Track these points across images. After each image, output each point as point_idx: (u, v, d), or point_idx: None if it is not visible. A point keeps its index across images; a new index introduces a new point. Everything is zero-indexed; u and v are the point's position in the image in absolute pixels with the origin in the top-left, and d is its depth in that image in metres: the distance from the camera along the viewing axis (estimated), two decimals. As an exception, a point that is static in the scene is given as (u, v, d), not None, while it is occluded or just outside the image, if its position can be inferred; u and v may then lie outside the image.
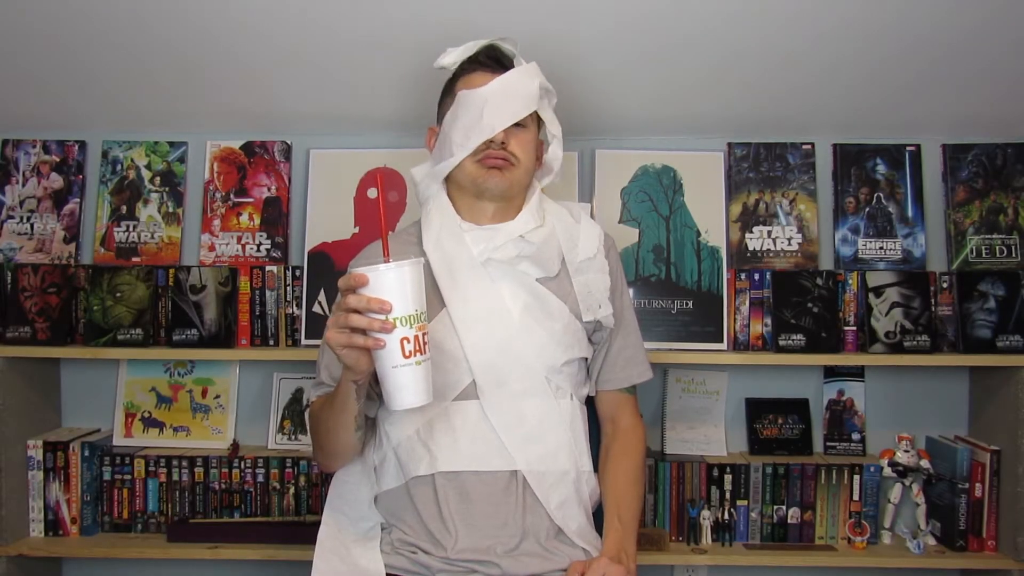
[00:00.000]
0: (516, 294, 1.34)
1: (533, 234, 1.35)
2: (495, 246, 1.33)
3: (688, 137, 2.06)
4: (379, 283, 1.08)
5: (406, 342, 1.08)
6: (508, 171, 1.34)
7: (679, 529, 1.94)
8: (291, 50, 1.82)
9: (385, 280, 1.08)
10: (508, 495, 1.29)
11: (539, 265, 1.35)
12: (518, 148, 1.34)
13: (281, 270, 2.00)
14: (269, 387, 2.07)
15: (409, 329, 1.08)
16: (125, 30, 1.76)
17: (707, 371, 2.04)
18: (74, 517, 1.96)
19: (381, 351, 1.08)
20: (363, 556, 1.31)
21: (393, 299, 1.07)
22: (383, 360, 1.09)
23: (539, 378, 1.32)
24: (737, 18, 1.71)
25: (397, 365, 1.09)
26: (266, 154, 2.07)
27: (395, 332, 1.07)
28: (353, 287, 1.08)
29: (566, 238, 1.39)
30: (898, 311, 1.93)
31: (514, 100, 1.33)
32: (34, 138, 2.09)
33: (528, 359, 1.32)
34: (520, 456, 1.29)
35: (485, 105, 1.31)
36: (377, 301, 1.06)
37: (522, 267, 1.35)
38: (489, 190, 1.34)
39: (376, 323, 1.07)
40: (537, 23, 1.72)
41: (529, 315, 1.33)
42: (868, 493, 1.93)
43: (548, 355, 1.33)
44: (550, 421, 1.32)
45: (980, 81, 1.87)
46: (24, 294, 1.97)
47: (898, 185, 2.03)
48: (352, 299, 1.08)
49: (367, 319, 1.07)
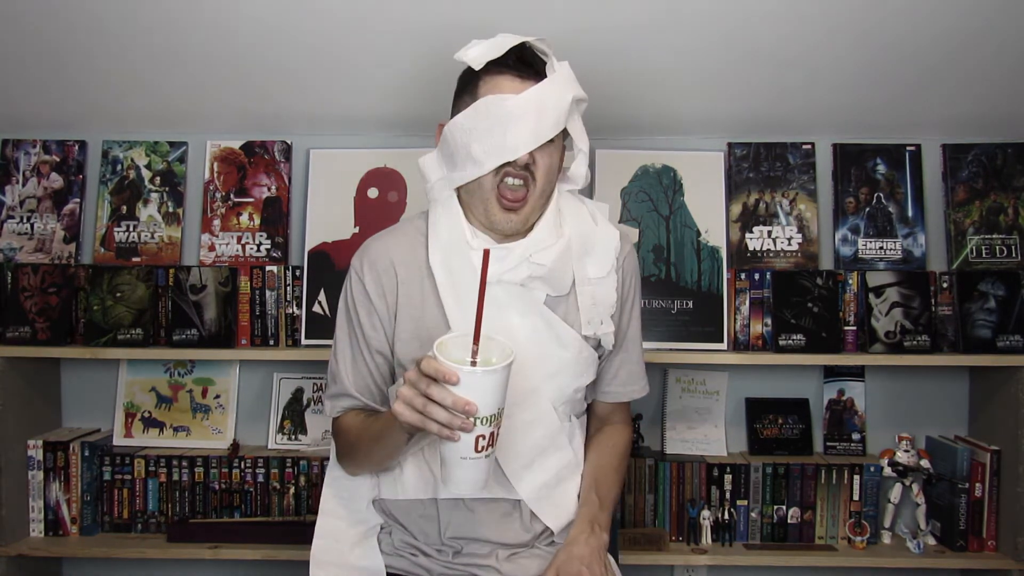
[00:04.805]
0: (524, 322, 1.27)
1: (545, 254, 1.25)
2: (506, 268, 1.24)
3: (688, 137, 2.06)
4: (469, 384, 1.01)
5: (481, 439, 1.03)
6: (523, 209, 1.24)
7: (679, 529, 1.94)
8: (291, 50, 1.82)
9: (475, 382, 1.01)
10: (511, 520, 1.29)
11: (550, 285, 1.28)
12: (542, 167, 1.22)
13: (281, 270, 2.00)
14: (269, 387, 2.07)
15: (487, 428, 1.03)
16: (125, 30, 1.76)
17: (707, 371, 2.04)
18: (74, 517, 1.96)
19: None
20: (363, 556, 1.30)
21: (478, 402, 1.01)
22: (452, 448, 1.04)
23: (546, 407, 1.28)
24: (737, 19, 1.71)
25: (467, 457, 1.04)
26: (266, 154, 2.07)
27: (473, 431, 1.02)
28: (437, 378, 1.01)
29: (581, 249, 1.31)
30: (898, 311, 1.93)
31: (543, 118, 1.20)
32: (34, 138, 2.09)
33: (536, 389, 1.27)
34: (522, 487, 1.27)
35: (510, 122, 1.18)
36: (463, 401, 1.00)
37: (532, 286, 1.27)
38: (502, 230, 1.25)
39: (457, 422, 1.01)
40: (539, 23, 1.71)
41: (538, 344, 1.27)
42: (868, 493, 1.93)
43: (557, 384, 1.29)
44: (554, 446, 1.30)
45: (980, 81, 1.87)
46: (24, 294, 1.97)
47: (898, 185, 2.03)
48: (437, 392, 1.01)
49: (448, 416, 1.01)
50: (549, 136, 1.20)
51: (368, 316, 1.28)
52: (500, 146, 1.19)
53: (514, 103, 1.19)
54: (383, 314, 1.28)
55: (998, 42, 1.76)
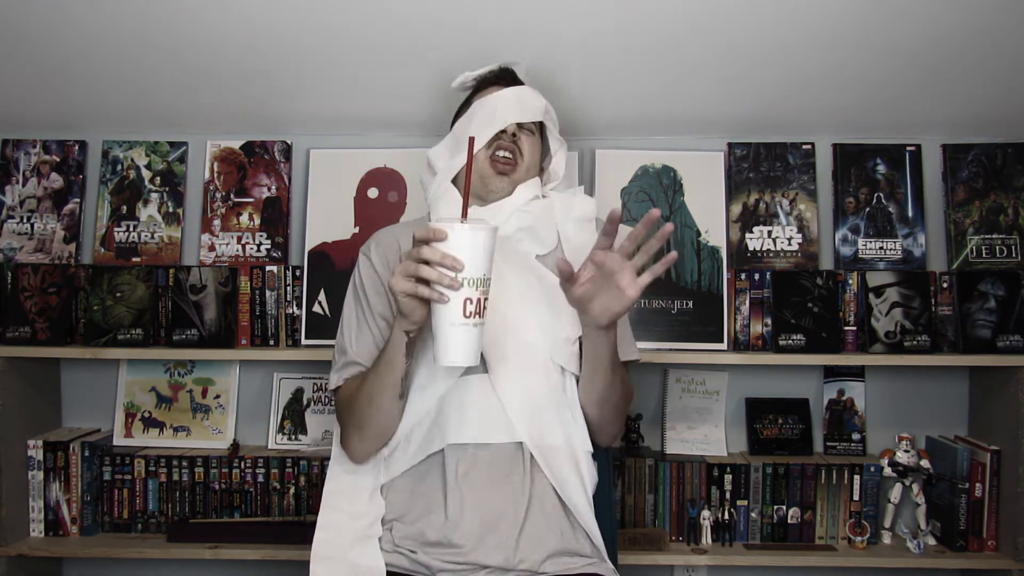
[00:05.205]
0: (516, 276, 1.37)
1: (531, 205, 1.44)
2: (499, 221, 1.36)
3: (688, 137, 2.06)
4: (456, 241, 1.10)
5: (468, 303, 1.10)
6: (513, 173, 1.44)
7: (679, 529, 1.94)
8: (291, 50, 1.81)
9: (462, 239, 1.10)
10: (514, 465, 1.32)
11: (537, 240, 1.42)
12: (527, 145, 1.46)
13: (281, 270, 2.00)
14: (269, 387, 2.07)
15: (474, 291, 1.11)
16: (125, 30, 1.76)
17: (707, 371, 2.04)
18: (74, 517, 1.96)
19: (441, 306, 1.11)
20: (363, 555, 1.30)
21: (466, 258, 1.10)
22: (442, 315, 1.12)
23: (543, 356, 1.35)
24: (738, 18, 1.71)
25: (455, 323, 1.11)
26: (266, 154, 2.07)
27: (460, 291, 1.10)
28: (429, 240, 1.11)
29: (563, 213, 1.45)
30: (898, 311, 1.93)
31: (526, 106, 1.46)
32: (34, 138, 2.09)
33: (533, 342, 1.35)
34: (524, 430, 1.31)
35: (499, 105, 1.44)
36: (451, 257, 1.09)
37: (523, 246, 1.41)
38: (494, 192, 1.43)
39: (446, 278, 1.09)
40: (539, 23, 1.72)
41: (532, 296, 1.37)
42: (868, 493, 1.93)
43: (552, 334, 1.35)
44: (552, 399, 1.34)
45: (980, 81, 1.87)
46: (24, 294, 1.97)
47: (898, 185, 2.03)
48: (427, 251, 1.10)
49: (437, 272, 1.10)
50: (530, 117, 1.46)
51: (372, 284, 1.40)
52: (491, 121, 1.43)
53: (500, 93, 1.47)
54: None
55: (998, 42, 1.76)
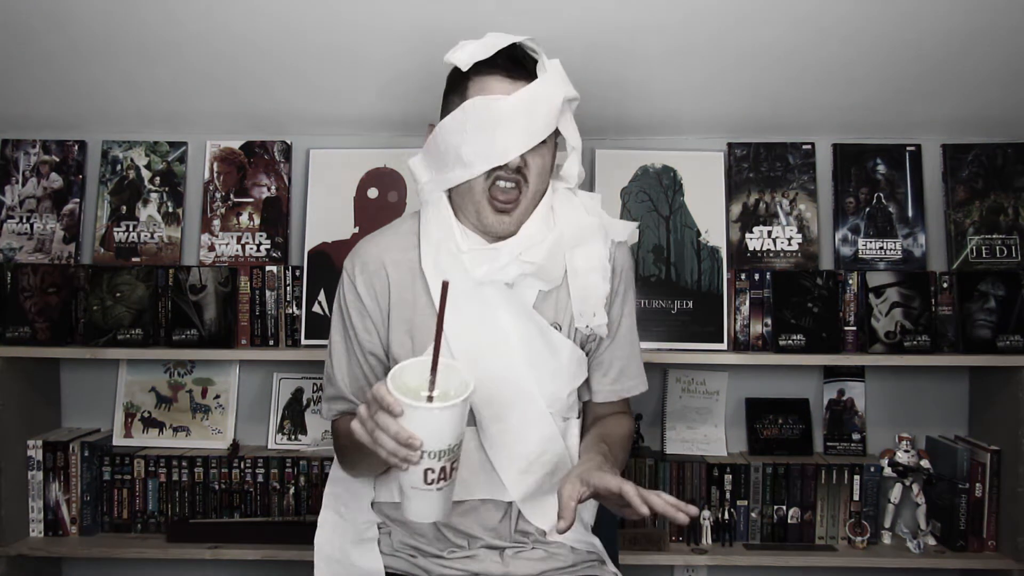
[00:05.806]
0: (515, 324, 1.25)
1: (535, 251, 1.23)
2: (496, 268, 1.22)
3: (688, 137, 2.06)
4: (414, 419, 1.00)
5: (430, 472, 1.02)
6: (516, 211, 1.22)
7: (679, 529, 1.94)
8: (291, 50, 1.82)
9: (420, 418, 1.00)
10: (505, 522, 1.29)
11: (541, 279, 1.26)
12: (533, 168, 1.21)
13: (281, 270, 2.00)
14: (269, 387, 2.07)
15: (436, 462, 1.02)
16: (125, 30, 1.76)
17: (707, 371, 2.04)
18: (74, 517, 1.96)
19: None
20: (362, 557, 1.30)
21: (425, 437, 1.00)
22: (403, 477, 1.04)
23: (540, 410, 1.27)
24: (738, 19, 1.71)
25: (417, 487, 1.04)
26: (266, 154, 2.07)
27: (420, 463, 1.01)
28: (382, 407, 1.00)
29: (572, 240, 1.28)
30: (898, 311, 1.93)
31: (534, 120, 1.18)
32: (34, 138, 2.09)
33: (529, 393, 1.26)
34: (515, 490, 1.27)
35: (500, 124, 1.17)
36: (406, 435, 0.99)
37: (523, 283, 1.26)
38: (494, 232, 1.24)
39: (401, 454, 1.00)
40: (537, 23, 1.71)
41: (530, 349, 1.26)
42: (868, 493, 1.93)
43: (551, 388, 1.27)
44: (547, 446, 1.28)
45: (980, 81, 1.87)
46: (24, 294, 1.97)
47: (898, 185, 2.03)
48: (382, 421, 1.00)
49: (391, 445, 1.00)
50: (540, 138, 1.19)
51: (361, 319, 1.28)
52: (489, 149, 1.17)
53: (504, 105, 1.17)
54: (376, 316, 1.28)
55: (998, 42, 1.76)
